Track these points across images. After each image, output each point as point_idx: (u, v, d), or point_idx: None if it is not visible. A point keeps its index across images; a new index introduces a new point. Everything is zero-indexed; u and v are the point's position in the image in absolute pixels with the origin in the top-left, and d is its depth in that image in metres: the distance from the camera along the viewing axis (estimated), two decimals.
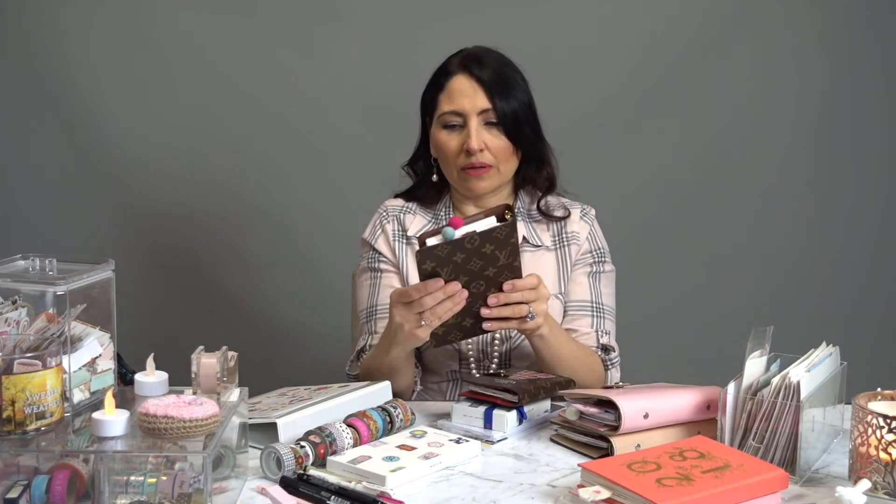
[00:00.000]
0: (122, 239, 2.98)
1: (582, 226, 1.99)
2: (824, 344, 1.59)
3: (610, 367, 1.92)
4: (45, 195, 2.98)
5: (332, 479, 1.39)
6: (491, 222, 1.50)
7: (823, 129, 3.05)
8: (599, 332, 1.93)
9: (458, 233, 1.54)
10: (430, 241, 1.54)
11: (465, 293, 1.64)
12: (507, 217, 1.39)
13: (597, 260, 1.98)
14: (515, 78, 1.92)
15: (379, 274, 1.99)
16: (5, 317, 1.39)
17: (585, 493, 1.29)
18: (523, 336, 1.89)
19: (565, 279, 1.96)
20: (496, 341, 1.93)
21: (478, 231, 1.55)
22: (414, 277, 1.93)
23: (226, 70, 2.95)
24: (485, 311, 1.67)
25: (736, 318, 2.38)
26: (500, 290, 1.65)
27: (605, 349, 1.93)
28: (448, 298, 1.62)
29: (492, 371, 1.91)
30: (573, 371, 1.78)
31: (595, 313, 1.95)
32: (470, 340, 1.90)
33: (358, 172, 2.90)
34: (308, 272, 2.98)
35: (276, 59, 2.95)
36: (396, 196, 2.04)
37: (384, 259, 1.99)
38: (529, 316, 1.68)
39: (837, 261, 3.09)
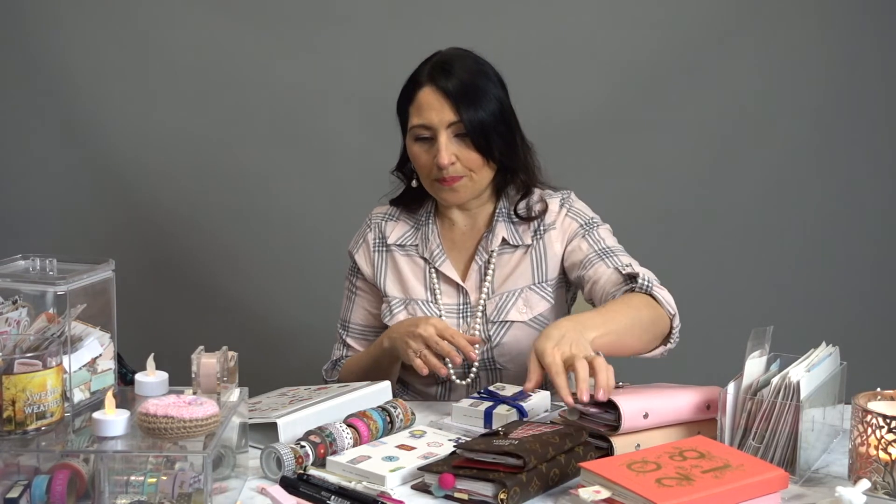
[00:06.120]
0: (122, 239, 2.98)
1: (560, 214, 1.93)
2: (824, 344, 1.58)
3: (653, 287, 1.76)
4: (45, 195, 2.98)
5: (332, 479, 1.39)
6: (487, 489, 1.34)
7: (823, 129, 3.05)
8: (619, 267, 1.82)
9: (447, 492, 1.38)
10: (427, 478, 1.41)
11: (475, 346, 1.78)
12: (502, 497, 1.32)
13: (587, 228, 1.91)
14: (485, 85, 1.84)
15: (355, 290, 2.03)
16: (5, 317, 1.39)
17: (585, 493, 1.29)
18: (504, 334, 1.88)
19: (544, 269, 1.90)
20: (475, 345, 1.88)
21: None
22: (390, 287, 1.96)
23: (226, 71, 2.95)
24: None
25: (736, 318, 2.37)
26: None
27: (631, 277, 1.78)
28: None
29: (488, 431, 1.60)
30: (642, 332, 1.70)
31: (604, 256, 1.85)
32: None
33: (358, 173, 2.89)
34: (308, 272, 2.98)
35: (277, 60, 2.95)
36: (391, 200, 2.02)
37: (361, 275, 2.00)
38: None
39: (837, 261, 3.09)
